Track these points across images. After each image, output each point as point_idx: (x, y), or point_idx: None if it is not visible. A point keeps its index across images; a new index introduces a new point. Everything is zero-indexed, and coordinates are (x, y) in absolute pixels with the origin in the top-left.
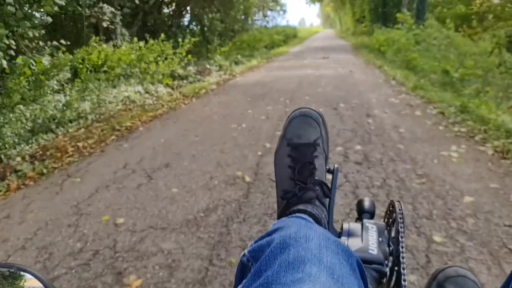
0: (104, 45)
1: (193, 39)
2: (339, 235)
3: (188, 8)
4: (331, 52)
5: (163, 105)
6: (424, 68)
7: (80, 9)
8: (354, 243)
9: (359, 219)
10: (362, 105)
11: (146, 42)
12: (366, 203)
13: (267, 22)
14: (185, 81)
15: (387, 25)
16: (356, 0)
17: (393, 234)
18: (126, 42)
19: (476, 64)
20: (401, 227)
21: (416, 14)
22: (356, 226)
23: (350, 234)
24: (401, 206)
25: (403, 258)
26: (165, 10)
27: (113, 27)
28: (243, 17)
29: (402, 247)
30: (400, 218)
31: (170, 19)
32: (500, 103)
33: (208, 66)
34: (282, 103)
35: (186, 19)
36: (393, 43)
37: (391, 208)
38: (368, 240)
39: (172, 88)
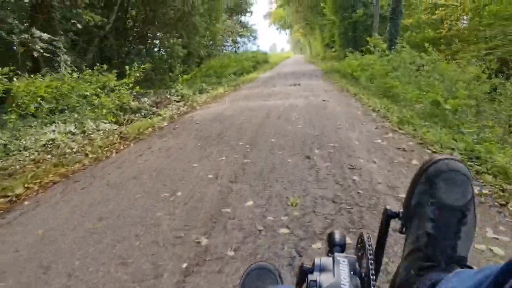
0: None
1: (142, 67)
2: (311, 270)
3: (149, 33)
4: (302, 78)
5: (87, 154)
6: (406, 97)
7: (4, 35)
8: (326, 278)
9: (330, 252)
10: (342, 150)
11: (82, 71)
12: (337, 236)
13: (238, 47)
14: (138, 114)
15: (359, 50)
16: (325, 26)
17: (364, 266)
18: (69, 70)
19: (469, 93)
20: (371, 260)
21: (389, 38)
22: (327, 261)
23: (321, 269)
24: (370, 238)
25: None
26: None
27: (48, 55)
28: (210, 42)
29: (374, 280)
30: (370, 251)
31: (129, 45)
32: (505, 140)
33: (168, 96)
34: (240, 150)
35: (147, 45)
36: (366, 69)
37: (361, 241)
38: (340, 274)
39: (121, 124)
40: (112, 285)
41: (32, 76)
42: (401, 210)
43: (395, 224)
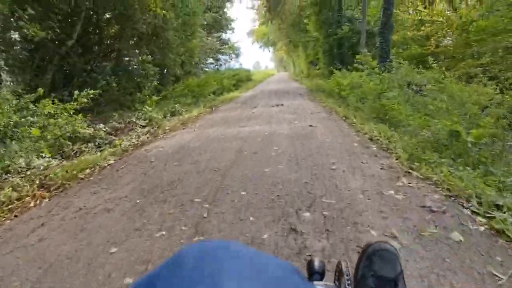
0: None
1: (91, 92)
2: None
3: (116, 49)
4: (285, 97)
5: None
6: (409, 123)
7: None
8: None
9: (310, 280)
10: (343, 213)
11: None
12: (316, 264)
13: (220, 65)
14: (91, 144)
15: (347, 67)
16: (308, 43)
17: None
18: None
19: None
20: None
21: (379, 54)
22: None
23: None
24: (348, 267)
25: None
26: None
27: None
28: (187, 60)
29: None
30: (348, 280)
31: (92, 63)
32: None
33: (134, 120)
34: (194, 215)
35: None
36: (356, 87)
37: (339, 269)
38: None
39: (68, 157)
40: None
41: None
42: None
43: None
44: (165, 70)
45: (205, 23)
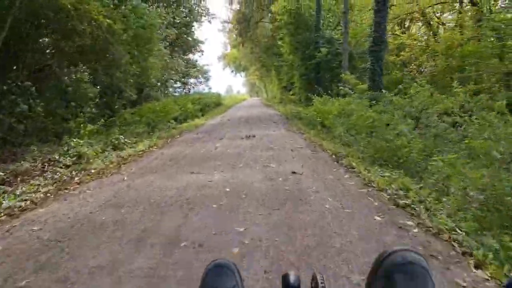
0: None
1: None
2: None
3: (45, 66)
4: (258, 126)
5: None
6: (443, 173)
7: None
8: None
9: None
10: None
11: None
12: (291, 278)
13: (189, 89)
14: None
15: (327, 92)
16: (282, 67)
17: None
18: None
19: None
20: None
21: (370, 77)
22: None
23: None
24: (323, 278)
25: None
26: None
27: None
28: (148, 81)
29: None
30: None
31: (11, 82)
32: None
33: (56, 157)
34: None
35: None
36: (343, 116)
37: (314, 282)
38: None
39: None
40: None
41: None
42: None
43: None
44: (116, 93)
45: (168, 41)
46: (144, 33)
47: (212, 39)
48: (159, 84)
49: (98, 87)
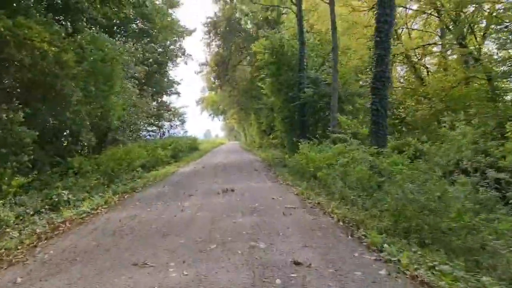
0: None
1: None
2: None
3: None
4: (237, 176)
5: None
6: None
7: None
8: None
9: None
10: None
11: None
12: None
13: (163, 133)
14: None
15: (314, 136)
16: (262, 110)
17: None
18: None
19: None
20: None
21: (373, 120)
22: None
23: None
24: None
25: None
26: None
27: None
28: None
29: None
30: None
31: None
32: None
33: None
34: None
35: None
36: (340, 166)
37: None
38: None
39: None
40: None
41: None
42: None
43: None
44: (68, 137)
45: (137, 78)
46: (103, 67)
47: (191, 81)
48: (125, 126)
49: (36, 130)
